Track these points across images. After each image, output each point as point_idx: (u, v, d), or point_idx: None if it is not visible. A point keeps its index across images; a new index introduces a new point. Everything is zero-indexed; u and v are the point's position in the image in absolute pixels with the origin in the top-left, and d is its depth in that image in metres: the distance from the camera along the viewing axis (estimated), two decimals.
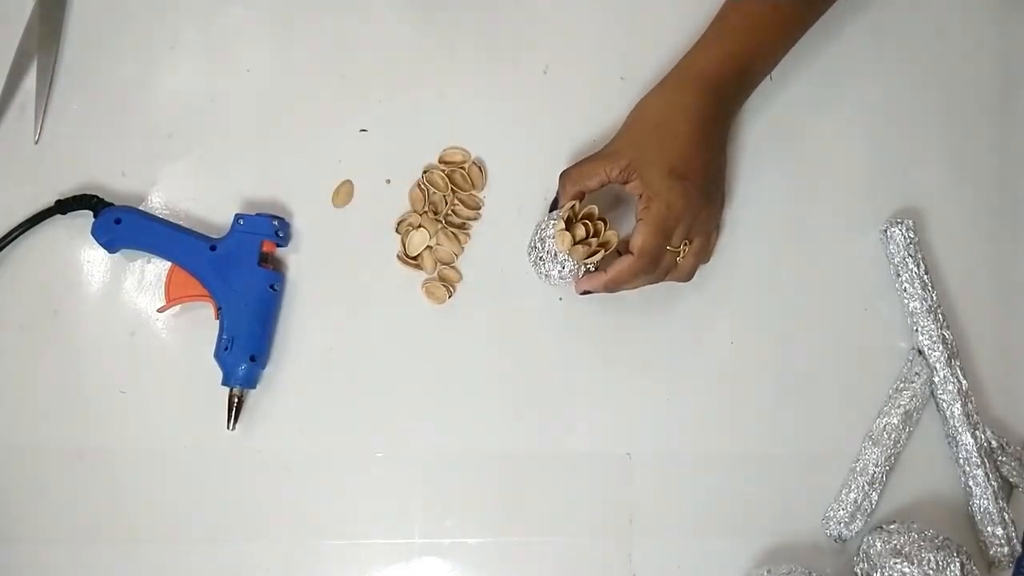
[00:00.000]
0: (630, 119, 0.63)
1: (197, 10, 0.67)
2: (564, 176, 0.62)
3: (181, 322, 0.64)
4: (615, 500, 0.65)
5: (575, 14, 0.69)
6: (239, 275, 0.62)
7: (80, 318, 0.64)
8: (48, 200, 0.64)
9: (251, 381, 0.62)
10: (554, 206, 0.64)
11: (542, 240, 0.61)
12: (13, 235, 0.63)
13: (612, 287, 0.61)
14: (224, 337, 0.61)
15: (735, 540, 0.65)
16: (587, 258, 0.60)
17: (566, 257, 0.60)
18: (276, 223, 0.63)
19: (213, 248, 0.62)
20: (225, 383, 0.62)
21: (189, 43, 0.67)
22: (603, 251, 0.60)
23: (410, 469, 0.64)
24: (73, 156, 0.65)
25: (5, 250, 0.63)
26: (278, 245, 0.64)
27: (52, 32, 0.66)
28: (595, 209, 0.61)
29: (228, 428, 0.62)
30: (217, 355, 0.62)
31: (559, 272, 0.60)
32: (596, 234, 0.60)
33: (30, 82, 0.65)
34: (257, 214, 0.63)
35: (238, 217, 0.63)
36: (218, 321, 0.62)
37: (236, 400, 0.62)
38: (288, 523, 0.63)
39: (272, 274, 0.63)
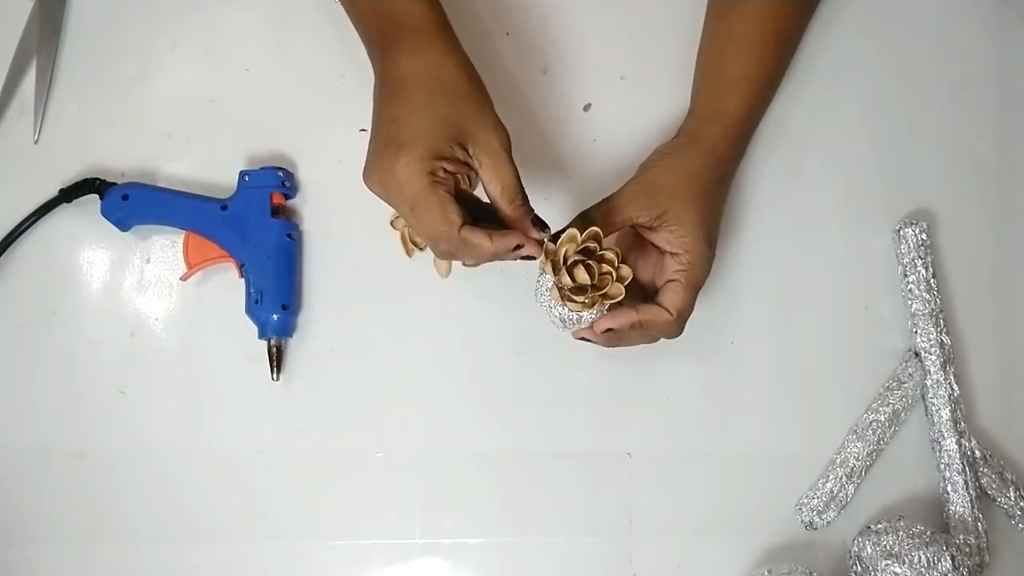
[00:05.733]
0: (664, 164, 0.59)
1: (197, 10, 0.67)
2: (585, 217, 0.56)
3: (177, 321, 0.64)
4: (615, 500, 0.65)
5: (575, 14, 0.69)
6: (255, 230, 0.62)
7: (80, 318, 0.64)
8: (48, 199, 0.64)
9: (287, 329, 0.63)
10: (556, 239, 0.56)
11: (538, 293, 0.56)
12: (21, 229, 0.63)
13: (634, 339, 0.58)
14: (252, 292, 0.62)
15: (735, 540, 0.65)
16: (587, 309, 0.54)
17: (563, 310, 0.55)
18: (281, 174, 0.64)
19: (224, 208, 0.63)
20: (262, 336, 0.63)
21: (189, 43, 0.67)
22: (604, 299, 0.54)
23: (410, 469, 0.64)
24: (72, 156, 0.65)
25: (5, 249, 0.63)
26: (286, 196, 0.64)
27: (52, 32, 0.66)
28: (597, 235, 0.54)
29: (273, 379, 0.63)
30: (248, 310, 0.62)
31: (562, 327, 0.56)
32: (603, 268, 0.55)
33: (30, 82, 0.65)
34: (261, 168, 0.64)
35: (243, 174, 0.64)
36: (243, 279, 0.62)
37: (275, 350, 0.63)
38: (288, 523, 0.63)
39: (287, 224, 0.64)
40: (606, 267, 0.55)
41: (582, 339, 0.59)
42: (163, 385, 0.64)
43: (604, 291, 0.55)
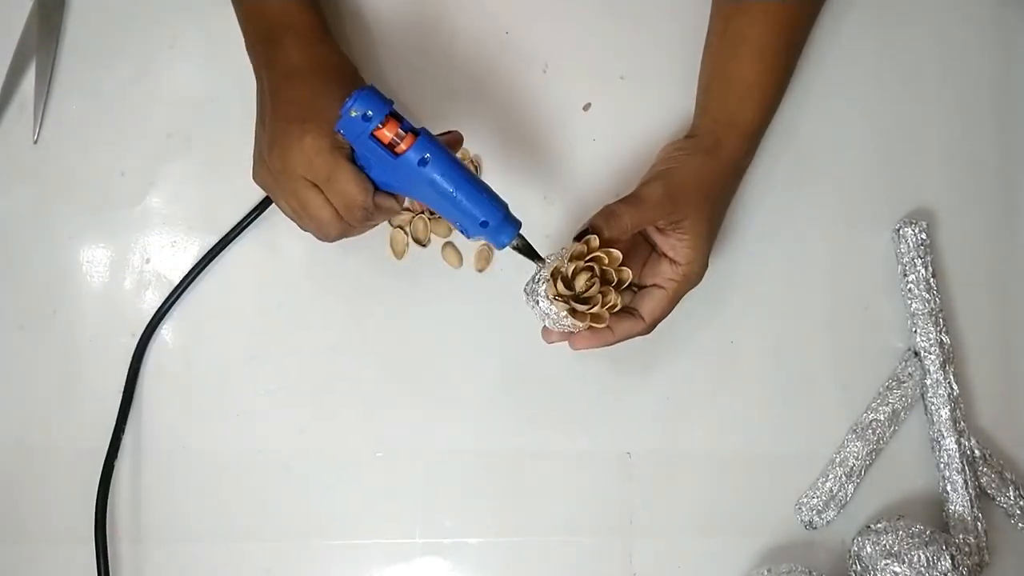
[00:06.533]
0: (690, 168, 0.59)
1: (196, 10, 0.67)
2: (611, 215, 0.55)
3: (177, 321, 0.64)
4: (615, 500, 0.65)
5: (575, 14, 0.69)
6: (398, 177, 0.53)
7: (80, 318, 0.64)
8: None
9: (511, 226, 0.54)
10: (581, 237, 0.56)
11: (535, 284, 0.55)
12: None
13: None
14: (460, 228, 0.54)
15: (735, 540, 0.65)
16: (568, 318, 0.54)
17: (550, 307, 0.54)
18: (354, 101, 0.51)
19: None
20: (500, 246, 0.54)
21: (188, 43, 0.67)
22: (578, 315, 0.54)
23: (410, 469, 0.64)
24: (72, 156, 0.65)
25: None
26: (387, 121, 0.51)
27: (51, 32, 0.66)
28: (623, 273, 0.55)
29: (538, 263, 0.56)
30: (475, 236, 0.54)
31: (532, 305, 0.56)
32: (598, 289, 0.55)
33: (29, 82, 0.65)
34: (339, 116, 0.51)
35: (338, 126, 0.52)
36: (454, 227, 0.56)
37: (521, 245, 0.55)
38: (288, 523, 0.63)
39: (411, 151, 0.51)
40: (599, 294, 0.55)
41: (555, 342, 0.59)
42: (163, 385, 0.64)
43: (583, 309, 0.54)
